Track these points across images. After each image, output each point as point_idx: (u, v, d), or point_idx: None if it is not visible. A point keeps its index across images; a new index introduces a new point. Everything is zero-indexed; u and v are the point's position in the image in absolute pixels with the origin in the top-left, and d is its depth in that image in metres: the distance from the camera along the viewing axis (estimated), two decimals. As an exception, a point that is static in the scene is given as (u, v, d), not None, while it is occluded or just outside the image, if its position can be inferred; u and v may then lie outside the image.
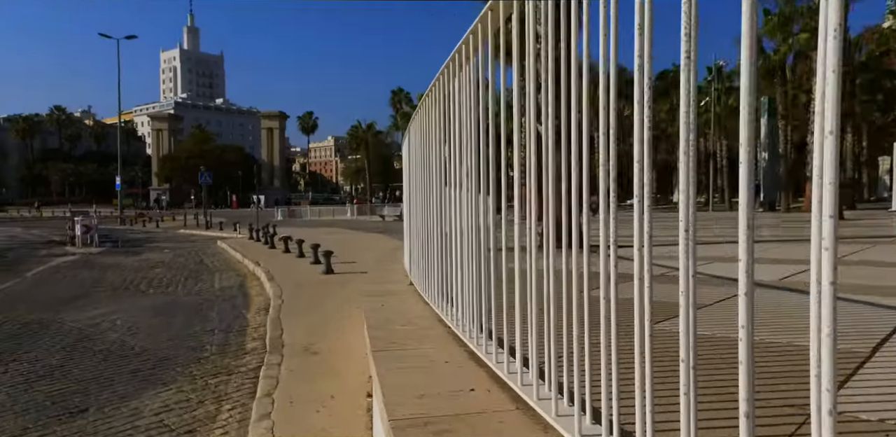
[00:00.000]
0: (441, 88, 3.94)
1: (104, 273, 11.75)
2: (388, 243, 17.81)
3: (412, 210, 6.21)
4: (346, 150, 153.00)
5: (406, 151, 6.65)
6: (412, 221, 6.29)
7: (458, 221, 3.68)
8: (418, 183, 5.35)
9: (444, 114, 3.89)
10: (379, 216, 39.57)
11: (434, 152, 4.46)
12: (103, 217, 45.21)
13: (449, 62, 3.52)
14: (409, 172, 6.34)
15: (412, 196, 6.05)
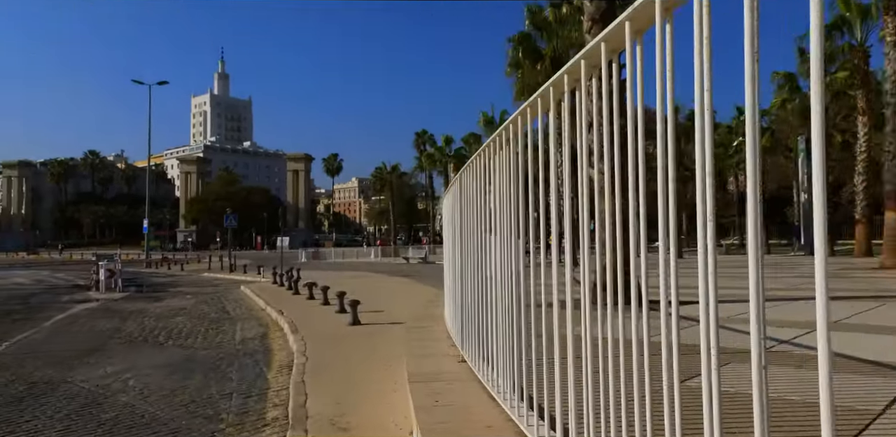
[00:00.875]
0: (483, 161, 4.17)
1: (124, 322, 11.33)
2: (414, 288, 17.23)
3: (452, 265, 6.10)
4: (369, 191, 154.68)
5: (447, 209, 6.92)
6: (453, 277, 6.09)
7: (492, 270, 3.83)
8: (457, 238, 5.50)
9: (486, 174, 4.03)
10: (403, 259, 39.13)
11: (474, 208, 4.59)
12: (130, 260, 45.58)
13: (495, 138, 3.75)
14: (449, 229, 6.60)
15: (452, 251, 6.08)
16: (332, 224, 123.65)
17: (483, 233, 4.33)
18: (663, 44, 1.62)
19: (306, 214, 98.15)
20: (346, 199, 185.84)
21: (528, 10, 21.24)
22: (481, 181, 4.26)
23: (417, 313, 10.80)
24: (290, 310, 11.84)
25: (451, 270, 6.43)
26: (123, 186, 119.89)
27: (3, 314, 12.78)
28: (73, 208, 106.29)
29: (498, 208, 3.74)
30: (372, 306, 11.72)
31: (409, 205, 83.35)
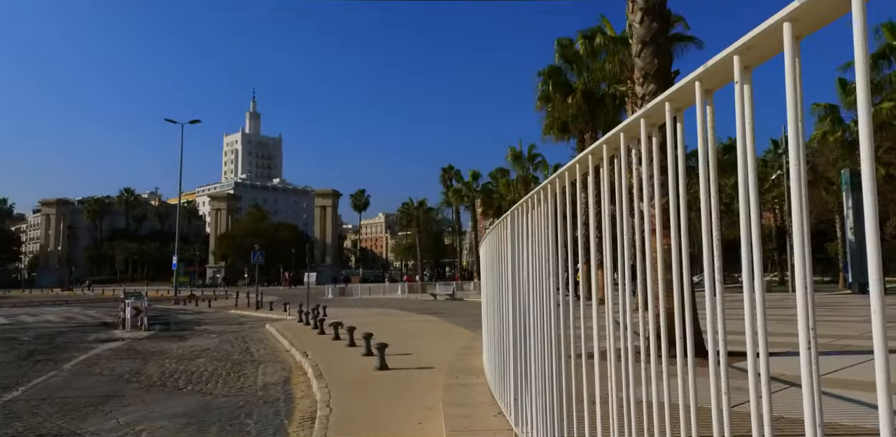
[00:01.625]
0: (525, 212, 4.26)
1: (145, 364, 10.99)
2: (442, 327, 16.64)
3: (490, 308, 5.97)
4: (396, 226, 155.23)
5: (486, 254, 7.04)
6: (490, 320, 5.95)
7: (528, 313, 3.85)
8: (495, 282, 5.54)
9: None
10: (430, 295, 38.49)
11: (508, 255, 4.70)
12: (160, 297, 45.85)
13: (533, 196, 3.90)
14: (487, 273, 6.59)
15: (490, 295, 6.02)
16: (359, 259, 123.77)
17: (519, 277, 4.25)
18: (704, 123, 1.64)
19: (333, 250, 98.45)
20: (373, 234, 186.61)
21: (559, 44, 21.19)
22: (522, 232, 4.31)
23: (448, 357, 10.24)
24: (314, 352, 11.38)
25: (489, 313, 6.06)
26: (156, 222, 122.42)
27: (27, 355, 12.59)
28: (108, 245, 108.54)
29: (534, 255, 3.85)
30: (400, 348, 11.19)
31: (436, 240, 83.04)
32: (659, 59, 5.79)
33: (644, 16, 6.65)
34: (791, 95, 1.31)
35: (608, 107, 21.20)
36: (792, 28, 1.28)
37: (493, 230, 5.89)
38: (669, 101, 1.79)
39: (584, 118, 21.17)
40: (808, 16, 1.24)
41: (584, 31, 18.74)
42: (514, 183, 44.72)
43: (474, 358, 9.27)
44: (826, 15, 1.23)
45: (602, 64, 18.74)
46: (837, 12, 1.18)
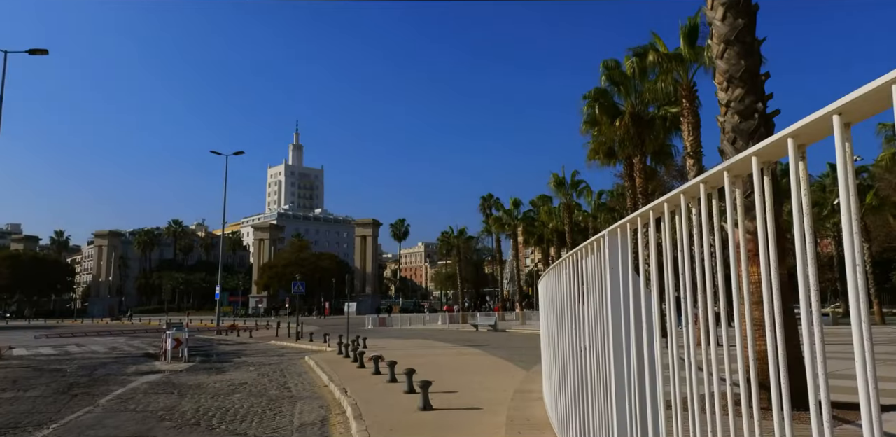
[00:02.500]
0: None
1: (181, 400, 10.60)
2: (487, 361, 15.84)
3: (553, 346, 5.81)
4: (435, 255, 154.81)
5: (546, 290, 6.97)
6: (551, 355, 5.68)
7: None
8: (557, 320, 5.48)
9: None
10: (472, 326, 37.56)
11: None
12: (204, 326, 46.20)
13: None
14: (547, 311, 6.58)
15: (553, 333, 5.92)
16: (399, 289, 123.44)
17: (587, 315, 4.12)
18: (798, 181, 1.61)
19: (373, 279, 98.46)
20: (413, 263, 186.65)
21: (604, 66, 20.68)
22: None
23: (497, 396, 9.52)
24: (353, 388, 10.80)
25: (553, 353, 5.49)
26: (203, 253, 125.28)
27: (66, 388, 12.40)
28: (156, 275, 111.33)
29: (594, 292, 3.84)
30: (443, 385, 10.52)
31: (476, 269, 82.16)
32: (746, 59, 5.18)
33: (727, 11, 5.98)
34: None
35: (658, 130, 20.42)
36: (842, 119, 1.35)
37: (553, 270, 6.02)
38: (756, 155, 1.74)
39: (633, 142, 20.42)
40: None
41: (634, 49, 18.14)
42: (556, 211, 43.81)
43: (535, 406, 8.34)
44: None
45: (653, 83, 18.07)
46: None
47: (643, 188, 20.99)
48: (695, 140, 16.29)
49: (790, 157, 1.56)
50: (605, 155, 22.82)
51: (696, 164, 16.28)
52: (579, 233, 39.59)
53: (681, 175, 50.21)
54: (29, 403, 10.49)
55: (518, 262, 48.78)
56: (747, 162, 1.77)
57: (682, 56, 16.80)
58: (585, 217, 41.23)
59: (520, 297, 48.08)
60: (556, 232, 43.59)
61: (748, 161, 1.76)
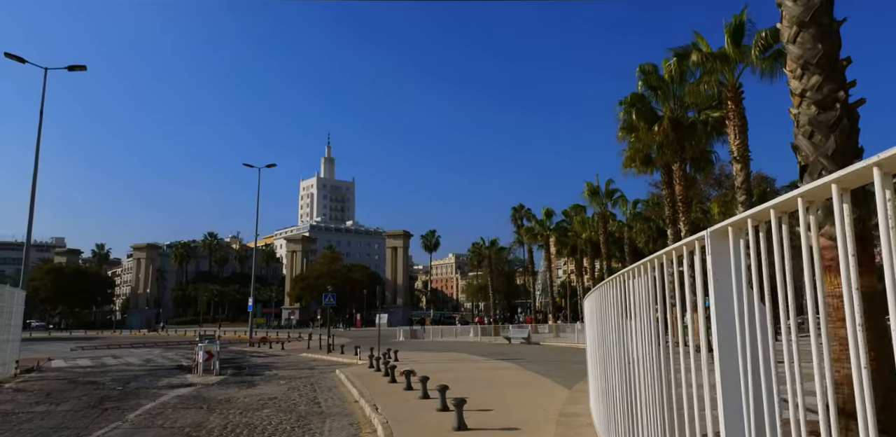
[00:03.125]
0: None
1: (209, 415, 10.38)
2: (522, 376, 15.31)
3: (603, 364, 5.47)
4: (466, 267, 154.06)
5: (592, 308, 6.75)
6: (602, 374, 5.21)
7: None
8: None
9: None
10: (505, 339, 36.89)
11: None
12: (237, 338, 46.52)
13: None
14: (600, 327, 6.28)
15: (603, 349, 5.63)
16: (430, 301, 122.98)
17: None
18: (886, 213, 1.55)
19: (404, 291, 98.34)
20: (444, 275, 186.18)
21: (641, 70, 20.08)
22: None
23: (535, 415, 9.02)
24: (385, 405, 10.42)
25: (606, 370, 5.03)
26: (237, 265, 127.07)
27: (98, 402, 12.33)
28: (192, 287, 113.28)
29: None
30: (478, 402, 10.07)
31: (508, 280, 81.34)
32: (823, 43, 4.70)
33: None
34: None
35: (699, 135, 19.66)
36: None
37: (599, 289, 5.98)
38: (801, 197, 1.81)
39: (672, 148, 19.70)
40: None
41: (675, 49, 17.52)
42: (589, 221, 42.98)
43: (584, 434, 7.68)
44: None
45: (694, 85, 17.37)
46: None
47: (683, 196, 20.23)
48: (741, 144, 15.55)
49: (877, 187, 1.50)
50: (641, 162, 22.13)
51: (744, 169, 15.53)
52: (614, 243, 38.71)
53: (718, 183, 48.84)
54: (59, 417, 10.40)
55: (551, 273, 47.90)
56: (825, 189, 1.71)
57: (727, 55, 16.10)
58: (620, 227, 40.27)
59: (553, 309, 47.17)
60: (589, 242, 42.75)
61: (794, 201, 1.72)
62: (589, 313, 6.98)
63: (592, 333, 6.17)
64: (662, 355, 3.44)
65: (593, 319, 6.17)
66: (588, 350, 6.95)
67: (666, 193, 22.68)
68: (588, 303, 7.08)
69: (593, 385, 6.18)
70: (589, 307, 6.94)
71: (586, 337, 7.56)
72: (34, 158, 22.98)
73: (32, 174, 22.96)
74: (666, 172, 21.94)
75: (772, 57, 15.47)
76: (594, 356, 6.42)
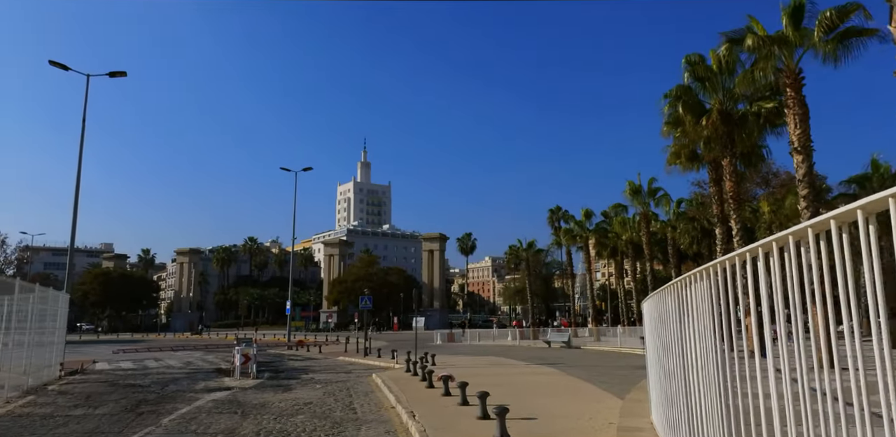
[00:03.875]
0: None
1: (243, 421, 10.11)
2: (565, 382, 14.66)
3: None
4: (503, 270, 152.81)
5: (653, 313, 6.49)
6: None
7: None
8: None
9: None
10: (544, 342, 36.07)
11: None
12: (276, 342, 46.89)
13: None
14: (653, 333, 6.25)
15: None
16: (467, 304, 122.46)
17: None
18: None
19: (441, 294, 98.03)
20: (480, 278, 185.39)
21: (687, 61, 19.11)
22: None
23: (581, 424, 8.43)
24: (422, 412, 9.97)
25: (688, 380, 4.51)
26: (277, 269, 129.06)
27: (134, 405, 12.24)
28: (233, 291, 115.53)
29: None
30: (520, 409, 9.52)
31: (546, 283, 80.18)
32: None
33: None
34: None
35: (751, 128, 18.58)
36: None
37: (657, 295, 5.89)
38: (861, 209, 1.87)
39: (721, 142, 18.69)
40: None
41: (728, 34, 16.49)
42: (630, 221, 41.77)
43: (611, 422, 7.26)
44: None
45: (748, 72, 16.30)
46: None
47: (734, 193, 19.17)
48: (803, 133, 14.51)
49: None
50: (687, 159, 21.15)
51: (806, 160, 14.50)
52: (656, 244, 37.50)
53: (765, 182, 46.89)
54: (95, 421, 10.30)
55: (591, 275, 46.78)
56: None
57: (787, 38, 15.02)
58: (663, 227, 38.98)
59: (593, 312, 46.07)
60: (630, 244, 41.56)
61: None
62: (649, 318, 6.56)
63: (655, 340, 5.59)
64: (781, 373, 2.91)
65: (655, 325, 5.75)
66: (649, 358, 6.33)
67: (713, 190, 21.64)
68: (647, 308, 6.64)
69: (657, 397, 5.59)
70: (648, 313, 6.48)
71: (646, 344, 6.91)
72: (77, 164, 23.44)
73: (76, 181, 23.42)
74: (713, 169, 20.93)
75: (836, 38, 14.43)
76: (659, 366, 5.82)
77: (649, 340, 6.52)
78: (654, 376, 5.84)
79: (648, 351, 6.60)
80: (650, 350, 6.35)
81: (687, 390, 4.61)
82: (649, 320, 6.42)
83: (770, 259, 2.80)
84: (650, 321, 6.29)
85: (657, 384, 5.52)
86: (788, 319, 2.65)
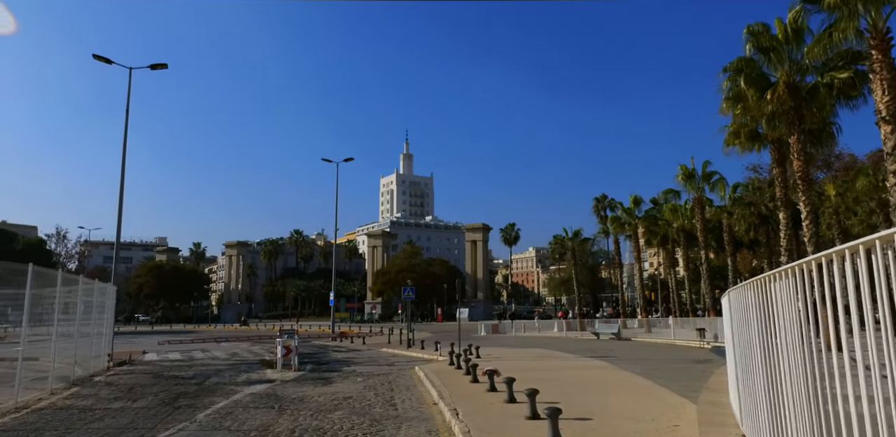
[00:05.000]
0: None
1: (279, 417, 9.67)
2: (619, 377, 13.72)
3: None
4: (547, 260, 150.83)
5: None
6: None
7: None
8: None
9: None
10: (592, 334, 34.95)
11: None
12: (321, 333, 47.19)
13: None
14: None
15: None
16: (511, 295, 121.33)
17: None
18: None
19: (485, 285, 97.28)
20: (524, 269, 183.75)
21: (749, 32, 17.53)
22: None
23: (646, 427, 7.59)
24: (466, 410, 9.31)
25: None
26: (322, 261, 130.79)
27: (173, 398, 12.01)
28: (280, 283, 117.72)
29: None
30: (573, 408, 8.74)
31: (592, 273, 78.45)
32: None
33: None
34: None
35: (821, 101, 16.98)
36: None
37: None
38: None
39: (787, 118, 17.15)
40: None
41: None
42: (681, 208, 39.93)
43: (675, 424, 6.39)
44: None
45: (824, 35, 14.75)
46: None
47: (803, 173, 17.60)
48: (892, 101, 12.95)
49: None
50: (746, 138, 19.64)
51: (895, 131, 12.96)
52: (709, 232, 35.69)
53: (827, 165, 44.09)
54: (131, 415, 10.04)
55: (640, 264, 45.16)
56: None
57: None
58: (717, 213, 37.05)
59: (643, 302, 44.44)
60: (682, 231, 39.75)
61: None
62: (728, 314, 6.10)
63: (743, 338, 4.82)
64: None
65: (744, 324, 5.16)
66: (730, 357, 5.48)
67: (776, 171, 20.07)
68: (734, 300, 6.00)
69: (747, 401, 4.75)
70: (736, 307, 5.68)
71: (727, 341, 6.07)
72: (121, 156, 23.62)
73: (120, 173, 23.62)
74: (776, 149, 19.39)
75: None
76: (746, 362, 4.99)
77: (732, 337, 5.66)
78: (741, 374, 5.00)
79: (731, 350, 5.73)
80: (734, 347, 5.50)
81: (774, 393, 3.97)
82: (738, 320, 5.66)
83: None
84: (739, 319, 5.50)
85: (748, 386, 4.69)
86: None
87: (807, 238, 17.17)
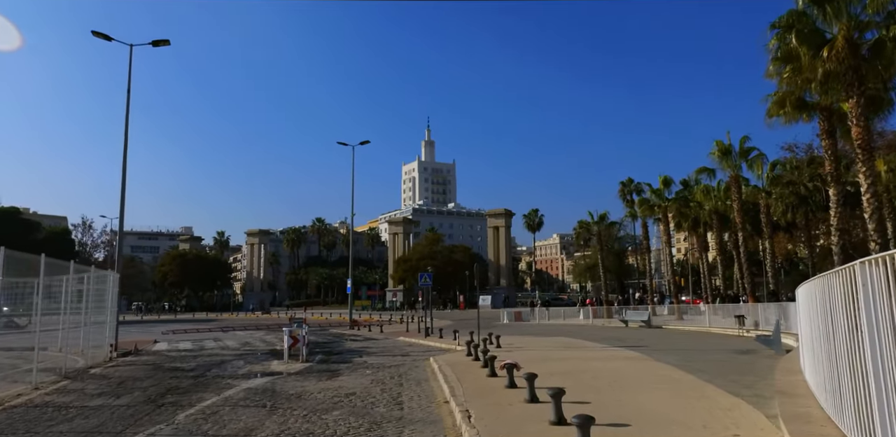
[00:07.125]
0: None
1: (267, 418, 8.49)
2: (655, 370, 12.20)
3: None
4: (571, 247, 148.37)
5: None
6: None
7: None
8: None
9: None
10: (620, 321, 33.37)
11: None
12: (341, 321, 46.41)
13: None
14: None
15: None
16: (535, 282, 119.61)
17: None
18: None
19: (507, 272, 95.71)
20: (548, 255, 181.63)
21: None
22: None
23: (694, 434, 6.18)
24: (481, 412, 7.99)
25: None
26: (344, 249, 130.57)
27: (161, 394, 10.95)
28: (303, 271, 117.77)
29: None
30: (606, 410, 7.36)
31: (619, 258, 76.29)
32: None
33: None
34: None
35: (888, 57, 14.93)
36: None
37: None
38: None
39: (846, 80, 15.19)
40: None
41: None
42: (714, 189, 37.81)
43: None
44: None
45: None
46: None
47: (863, 141, 15.65)
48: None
49: None
50: (793, 107, 17.72)
51: None
52: (744, 214, 33.65)
53: (881, 137, 41.04)
54: (105, 415, 8.96)
55: (670, 249, 43.18)
56: None
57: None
58: (753, 193, 34.90)
59: (674, 289, 42.55)
60: (715, 214, 37.67)
61: None
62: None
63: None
64: None
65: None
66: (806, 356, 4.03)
67: (826, 143, 18.13)
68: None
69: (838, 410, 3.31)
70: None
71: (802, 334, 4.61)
72: (123, 138, 22.68)
73: (122, 157, 22.69)
74: (825, 118, 17.50)
75: None
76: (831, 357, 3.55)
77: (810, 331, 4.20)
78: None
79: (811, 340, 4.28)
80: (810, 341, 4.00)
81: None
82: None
83: None
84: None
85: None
86: None
87: (868, 214, 15.36)
